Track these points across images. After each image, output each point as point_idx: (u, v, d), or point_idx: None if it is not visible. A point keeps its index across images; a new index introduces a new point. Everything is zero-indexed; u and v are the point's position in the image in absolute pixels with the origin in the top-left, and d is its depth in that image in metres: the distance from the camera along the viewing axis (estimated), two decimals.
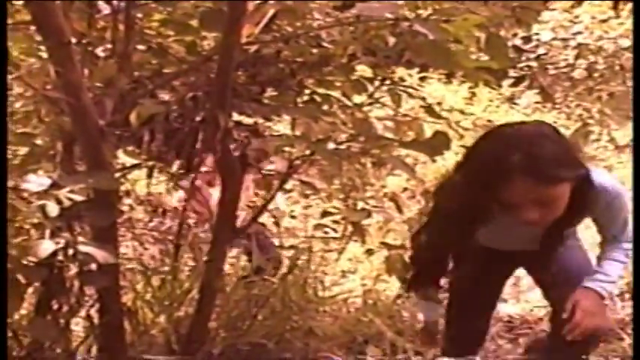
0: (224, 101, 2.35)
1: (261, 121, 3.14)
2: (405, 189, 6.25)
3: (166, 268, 3.23)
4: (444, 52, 2.23)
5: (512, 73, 6.77)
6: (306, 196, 6.17)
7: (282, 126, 3.92)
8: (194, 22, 2.68)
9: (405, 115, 3.16)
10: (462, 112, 6.45)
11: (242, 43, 2.44)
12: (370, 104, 2.58)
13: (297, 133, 2.52)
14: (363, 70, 2.95)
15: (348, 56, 2.67)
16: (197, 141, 3.19)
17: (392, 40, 2.81)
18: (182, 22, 2.71)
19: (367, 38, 2.68)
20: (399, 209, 3.74)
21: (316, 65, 2.60)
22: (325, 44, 2.53)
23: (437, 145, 2.46)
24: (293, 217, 5.86)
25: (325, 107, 2.42)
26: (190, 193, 3.34)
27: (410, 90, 2.69)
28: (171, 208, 4.14)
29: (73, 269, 2.44)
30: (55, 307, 2.50)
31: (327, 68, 2.54)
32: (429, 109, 2.54)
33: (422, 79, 5.89)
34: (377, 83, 2.71)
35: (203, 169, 3.32)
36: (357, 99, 2.81)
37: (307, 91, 2.68)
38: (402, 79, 3.06)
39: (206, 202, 3.73)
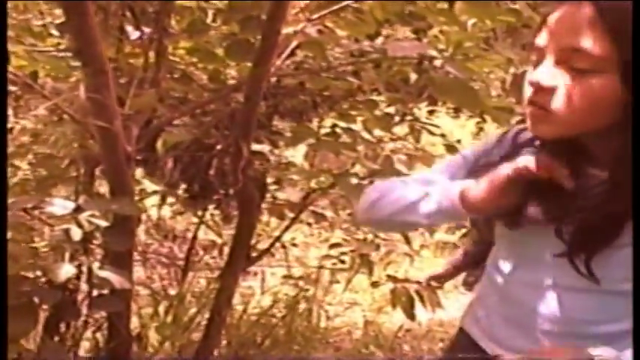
0: (249, 131, 2.35)
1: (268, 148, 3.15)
2: None
3: (173, 293, 3.22)
4: (471, 91, 2.24)
5: (518, 109, 6.77)
6: (309, 225, 6.16)
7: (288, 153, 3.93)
8: (219, 51, 2.71)
9: (417, 150, 3.18)
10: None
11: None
12: (393, 140, 2.59)
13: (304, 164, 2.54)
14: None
15: (371, 91, 2.68)
16: (210, 169, 3.20)
17: (413, 77, 2.84)
18: (208, 50, 2.72)
19: (391, 74, 2.71)
20: (408, 242, 3.73)
21: (340, 98, 2.60)
22: (350, 78, 2.53)
23: None
24: (294, 244, 5.84)
25: (348, 140, 2.42)
26: None
27: (430, 127, 2.68)
28: (180, 233, 4.13)
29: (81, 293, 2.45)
30: (63, 328, 2.50)
31: (350, 101, 2.54)
32: (449, 147, 2.55)
33: (430, 112, 5.89)
34: (397, 119, 2.72)
35: None
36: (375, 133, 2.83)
37: (328, 124, 2.68)
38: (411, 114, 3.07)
39: None
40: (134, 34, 2.58)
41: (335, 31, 2.84)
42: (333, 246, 3.76)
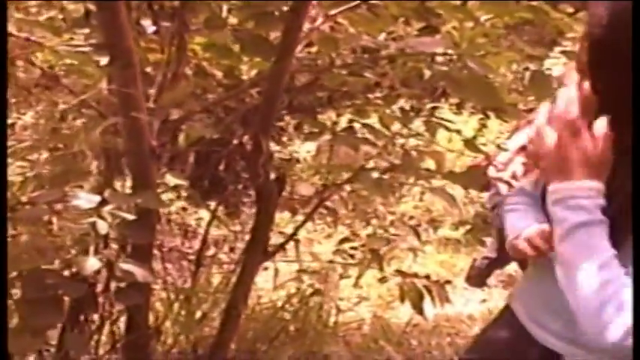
0: (268, 127, 2.37)
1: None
2: (412, 217, 6.27)
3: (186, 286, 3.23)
4: (490, 88, 2.26)
5: (521, 106, 6.80)
6: (312, 220, 6.18)
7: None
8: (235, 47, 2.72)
9: (428, 145, 3.19)
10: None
11: None
12: (412, 136, 2.61)
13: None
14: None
15: (387, 88, 2.70)
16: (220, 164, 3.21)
17: (427, 74, 2.85)
18: (224, 46, 2.73)
19: (406, 70, 2.72)
20: (418, 237, 3.75)
21: (356, 94, 2.62)
22: (367, 74, 2.55)
23: (472, 177, 2.51)
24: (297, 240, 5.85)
25: (368, 136, 2.44)
26: None
27: (445, 122, 2.70)
28: (193, 228, 4.15)
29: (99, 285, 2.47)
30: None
31: (366, 97, 2.55)
32: (467, 143, 2.57)
33: (433, 108, 5.93)
34: (412, 114, 2.73)
35: None
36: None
37: (344, 119, 2.70)
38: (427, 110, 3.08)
39: None
40: (150, 28, 2.59)
41: (347, 27, 2.86)
42: (343, 241, 3.78)
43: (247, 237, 3.69)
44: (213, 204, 3.89)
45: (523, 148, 3.74)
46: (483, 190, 4.61)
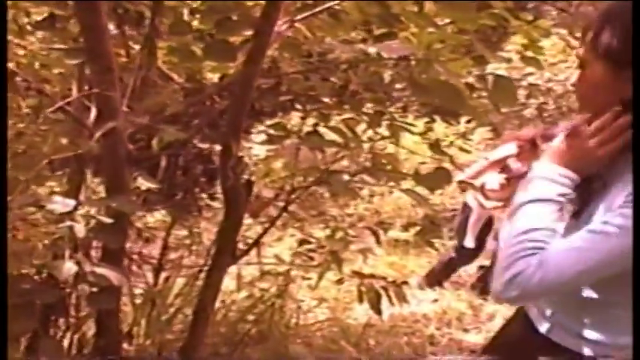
0: (238, 130, 2.40)
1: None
2: (361, 219, 6.35)
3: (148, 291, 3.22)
4: (457, 92, 2.33)
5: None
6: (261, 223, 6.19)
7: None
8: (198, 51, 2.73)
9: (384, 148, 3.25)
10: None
11: None
12: (382, 138, 2.66)
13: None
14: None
15: (351, 92, 2.75)
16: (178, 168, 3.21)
17: (387, 78, 2.92)
18: (187, 50, 2.75)
19: (369, 75, 2.78)
20: (377, 239, 3.81)
21: (320, 97, 2.67)
22: (333, 79, 2.60)
23: (438, 179, 2.57)
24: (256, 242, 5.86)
25: (338, 139, 2.48)
26: None
27: (408, 126, 2.76)
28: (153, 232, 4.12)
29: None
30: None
31: (333, 101, 2.60)
32: (432, 145, 2.63)
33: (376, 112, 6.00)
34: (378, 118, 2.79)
35: None
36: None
37: (310, 123, 2.74)
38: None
39: None
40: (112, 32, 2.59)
41: (305, 32, 2.90)
42: (302, 243, 3.81)
43: (206, 240, 3.73)
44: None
45: (499, 163, 3.77)
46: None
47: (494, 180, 4.12)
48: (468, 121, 6.79)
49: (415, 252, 6.01)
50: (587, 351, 1.48)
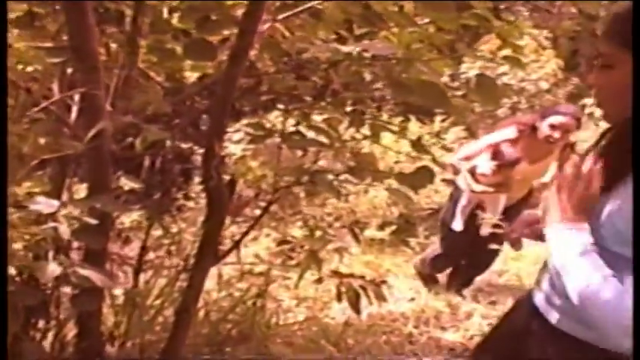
0: (221, 129, 2.39)
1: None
2: (337, 218, 6.35)
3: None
4: (439, 91, 2.34)
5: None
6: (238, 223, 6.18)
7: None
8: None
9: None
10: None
11: None
12: (365, 138, 2.67)
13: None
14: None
15: (332, 91, 2.75)
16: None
17: (368, 77, 2.93)
18: (167, 49, 2.73)
19: (349, 74, 2.78)
20: (356, 238, 3.82)
21: (302, 96, 2.67)
22: (315, 78, 2.60)
23: (421, 178, 2.58)
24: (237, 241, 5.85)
25: (322, 138, 2.48)
26: None
27: (389, 126, 2.77)
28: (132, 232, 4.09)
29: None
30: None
31: (315, 101, 2.60)
32: (415, 144, 2.65)
33: (354, 111, 6.02)
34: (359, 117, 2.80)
35: None
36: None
37: (292, 122, 2.74)
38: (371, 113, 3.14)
39: None
40: None
41: (284, 32, 2.90)
42: (281, 243, 3.81)
43: (184, 240, 3.71)
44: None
45: (493, 147, 3.77)
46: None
47: (485, 165, 4.12)
48: (443, 120, 6.83)
49: (391, 251, 6.02)
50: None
